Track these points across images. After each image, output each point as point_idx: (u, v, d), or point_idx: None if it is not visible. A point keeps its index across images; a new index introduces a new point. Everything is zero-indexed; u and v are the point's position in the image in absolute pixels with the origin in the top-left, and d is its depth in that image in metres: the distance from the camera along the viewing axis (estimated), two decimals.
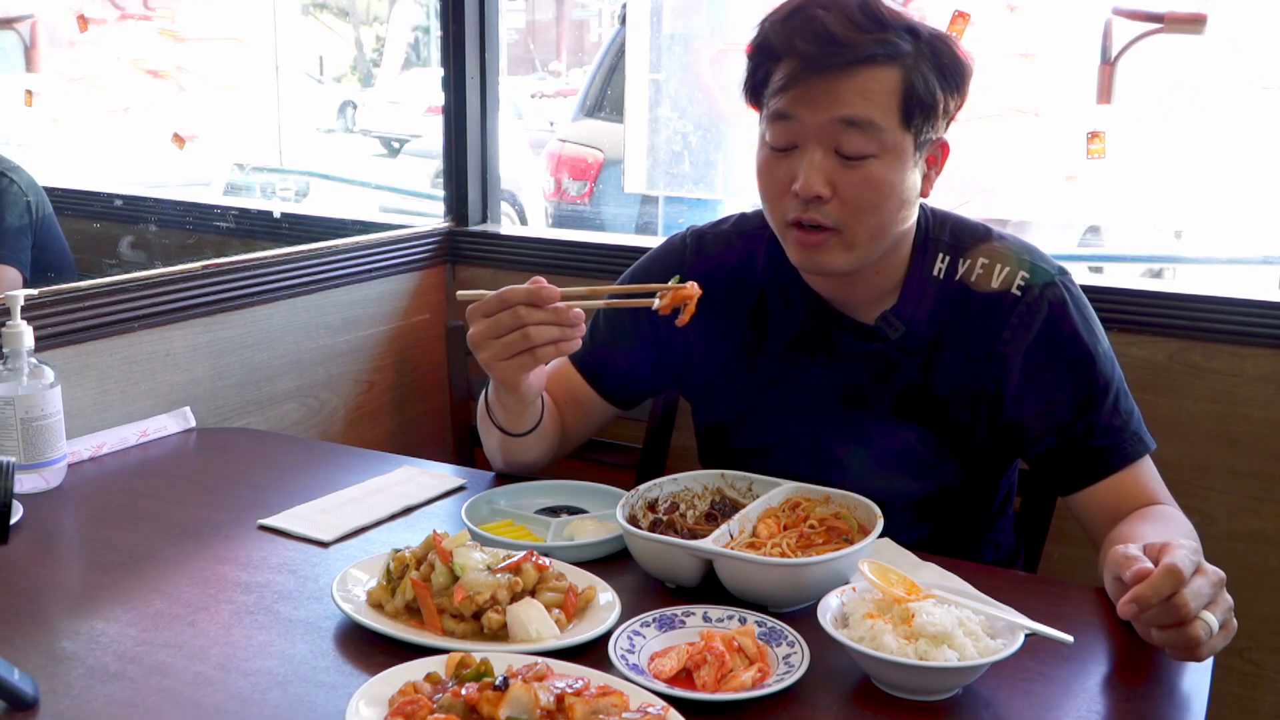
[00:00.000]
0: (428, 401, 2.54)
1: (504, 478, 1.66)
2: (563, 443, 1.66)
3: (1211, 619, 1.10)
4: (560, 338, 1.36)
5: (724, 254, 1.62)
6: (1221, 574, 1.14)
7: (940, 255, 1.51)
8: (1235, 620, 1.14)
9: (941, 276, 1.51)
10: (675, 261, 1.65)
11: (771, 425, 1.59)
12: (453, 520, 1.53)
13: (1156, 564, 1.11)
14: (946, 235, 1.53)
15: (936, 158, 1.47)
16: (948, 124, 1.46)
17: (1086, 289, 1.94)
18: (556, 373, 1.66)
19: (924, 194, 1.47)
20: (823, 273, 1.48)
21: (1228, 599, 1.13)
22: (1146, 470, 1.46)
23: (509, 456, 1.61)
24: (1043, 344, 1.46)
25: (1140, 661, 1.20)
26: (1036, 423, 1.48)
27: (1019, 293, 1.47)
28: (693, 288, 1.41)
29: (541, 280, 1.36)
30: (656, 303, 1.41)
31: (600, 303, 1.43)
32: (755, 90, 1.46)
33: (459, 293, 1.42)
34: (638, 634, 1.17)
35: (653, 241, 2.48)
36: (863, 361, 1.53)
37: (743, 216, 1.66)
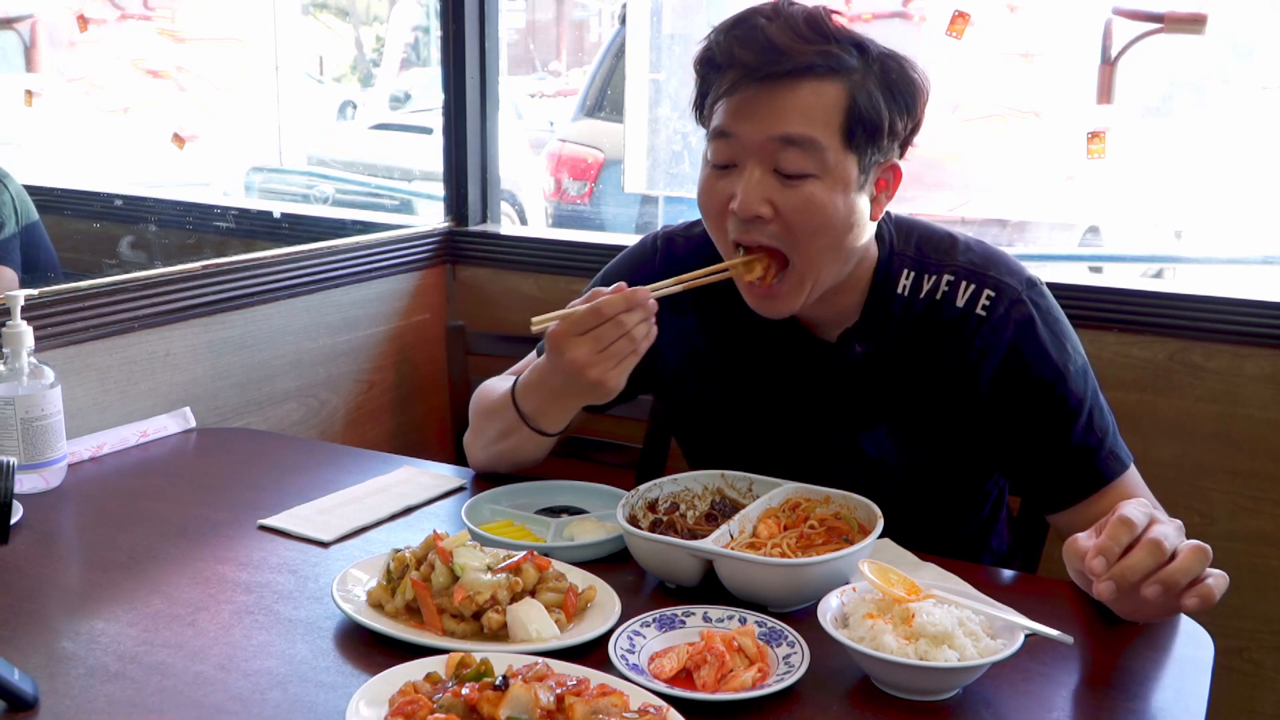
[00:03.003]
0: (428, 401, 2.54)
1: (503, 478, 1.65)
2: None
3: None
4: (651, 329, 1.38)
5: (694, 258, 1.55)
6: (1179, 522, 1.18)
7: (905, 272, 1.47)
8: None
9: (906, 294, 1.46)
10: (644, 264, 1.62)
11: (745, 438, 1.57)
12: (453, 520, 1.53)
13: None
14: (912, 250, 1.48)
15: (887, 181, 1.42)
16: (902, 150, 1.42)
17: (1087, 289, 1.95)
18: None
19: (873, 218, 1.42)
20: (783, 316, 1.45)
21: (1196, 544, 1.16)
22: (1129, 485, 1.44)
23: (516, 456, 1.59)
24: (1009, 366, 1.42)
25: (1140, 661, 1.20)
26: (1008, 445, 1.47)
27: (984, 313, 1.43)
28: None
29: (623, 285, 1.36)
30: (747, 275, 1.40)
31: (679, 287, 1.41)
32: (702, 104, 1.44)
33: (533, 321, 1.38)
34: (638, 634, 1.17)
35: None
36: (828, 378, 1.51)
37: None
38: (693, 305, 1.57)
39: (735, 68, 1.36)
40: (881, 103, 1.35)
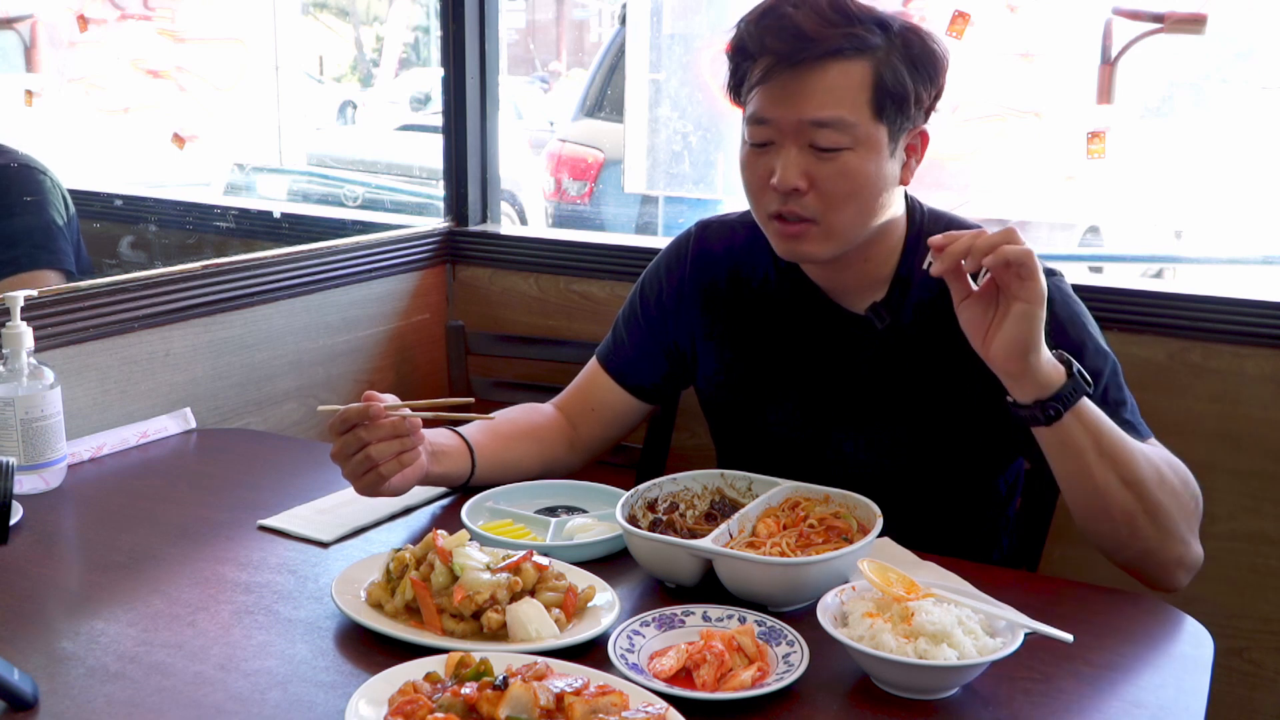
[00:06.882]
0: None
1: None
2: (574, 451, 1.69)
3: None
4: (400, 449, 1.42)
5: (728, 242, 1.65)
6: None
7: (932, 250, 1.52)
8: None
9: (931, 271, 1.51)
10: (679, 255, 1.69)
11: (772, 411, 1.60)
12: (453, 520, 1.52)
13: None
14: (940, 231, 1.52)
15: (916, 147, 1.49)
16: (926, 115, 1.48)
17: (1087, 289, 1.94)
18: (576, 384, 1.72)
19: (904, 182, 1.49)
20: (805, 261, 1.51)
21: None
22: None
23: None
24: None
25: (1140, 661, 1.21)
26: None
27: None
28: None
29: (373, 395, 1.40)
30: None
31: (428, 412, 1.45)
32: (736, 89, 1.50)
33: (319, 408, 1.54)
34: (637, 633, 1.17)
35: (653, 241, 2.49)
36: (855, 353, 1.54)
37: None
38: (724, 304, 1.63)
39: (767, 55, 1.42)
40: (906, 76, 1.42)
